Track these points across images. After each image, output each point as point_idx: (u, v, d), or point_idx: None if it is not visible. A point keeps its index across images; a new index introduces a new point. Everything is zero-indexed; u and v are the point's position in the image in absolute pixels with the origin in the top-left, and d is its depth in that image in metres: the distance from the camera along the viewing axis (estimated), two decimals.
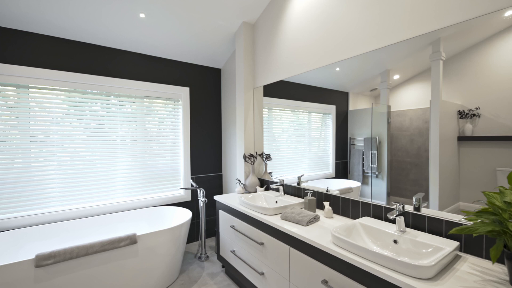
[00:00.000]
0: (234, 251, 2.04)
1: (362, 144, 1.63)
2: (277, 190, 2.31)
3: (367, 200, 1.57)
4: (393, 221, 1.41)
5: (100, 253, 1.75)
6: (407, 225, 1.35)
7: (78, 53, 2.35)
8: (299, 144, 2.12)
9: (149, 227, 2.61)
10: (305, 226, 1.51)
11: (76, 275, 1.69)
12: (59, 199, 2.28)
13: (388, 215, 1.24)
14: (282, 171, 2.27)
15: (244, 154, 2.50)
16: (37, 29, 2.13)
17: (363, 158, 1.62)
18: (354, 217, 1.63)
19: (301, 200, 1.94)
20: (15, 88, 2.12)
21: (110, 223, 2.43)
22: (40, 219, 2.17)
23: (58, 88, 2.27)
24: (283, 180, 2.15)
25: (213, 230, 3.21)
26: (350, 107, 1.71)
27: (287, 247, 1.50)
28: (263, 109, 2.48)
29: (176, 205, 2.90)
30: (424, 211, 1.30)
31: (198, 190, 2.69)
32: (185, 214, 2.49)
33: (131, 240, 1.85)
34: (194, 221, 3.04)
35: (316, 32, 1.88)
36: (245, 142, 2.52)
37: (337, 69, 1.76)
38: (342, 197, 1.70)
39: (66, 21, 2.10)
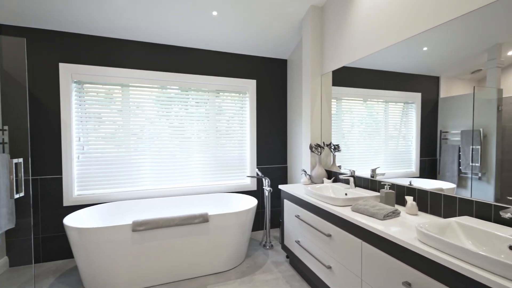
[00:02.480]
0: (299, 241, 1.99)
1: (458, 138, 1.33)
2: (346, 182, 2.13)
3: (467, 196, 1.27)
4: (508, 223, 1.09)
5: (179, 226, 1.98)
6: None
7: (163, 54, 2.70)
8: (372, 140, 1.89)
9: (218, 210, 2.81)
10: (382, 220, 1.33)
11: (161, 243, 1.95)
12: (150, 180, 2.71)
13: (501, 213, 0.97)
14: (353, 166, 2.08)
15: (310, 144, 2.41)
16: (134, 36, 2.54)
17: (459, 155, 1.32)
18: (448, 216, 1.35)
19: (376, 193, 1.73)
20: (120, 87, 2.60)
21: (186, 204, 2.74)
22: (136, 194, 2.62)
23: (149, 86, 2.67)
24: (354, 171, 1.97)
25: (277, 221, 3.22)
26: (442, 94, 1.42)
27: (359, 241, 1.35)
28: (332, 100, 2.32)
29: (242, 193, 3.03)
30: None
31: (263, 179, 2.74)
32: (251, 201, 2.58)
33: (204, 218, 2.02)
34: (259, 211, 3.12)
35: None
36: (312, 132, 2.42)
37: (424, 48, 1.49)
38: (431, 192, 1.44)
39: (155, 28, 2.44)
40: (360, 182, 1.98)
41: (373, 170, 1.88)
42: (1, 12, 2.09)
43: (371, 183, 1.88)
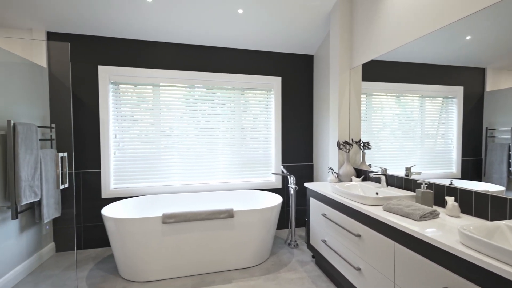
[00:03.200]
0: (325, 240, 1.93)
1: (508, 136, 1.19)
2: (377, 181, 2.02)
3: None
4: None
5: (205, 220, 2.03)
6: None
7: (190, 54, 2.79)
8: (406, 139, 1.77)
9: (243, 207, 2.83)
10: (418, 221, 1.24)
11: (188, 236, 2.02)
12: (179, 176, 2.82)
13: None
14: (384, 166, 1.97)
15: (338, 141, 2.33)
16: (164, 38, 2.66)
17: (509, 154, 1.18)
18: (495, 219, 1.21)
19: (411, 193, 1.62)
20: (151, 87, 2.74)
21: (212, 200, 2.80)
22: (166, 189, 2.74)
23: (178, 85, 2.78)
24: (386, 169, 1.86)
25: (302, 220, 3.17)
26: (488, 87, 1.28)
27: (392, 242, 1.28)
28: (361, 96, 2.21)
29: (267, 191, 3.02)
30: None
31: (288, 177, 2.71)
32: (276, 199, 2.56)
33: (229, 213, 2.05)
34: (284, 209, 3.09)
35: None
36: (339, 128, 2.34)
37: (468, 37, 1.35)
38: (476, 192, 1.30)
39: (183, 29, 2.52)
40: (393, 181, 1.86)
41: (408, 169, 1.76)
42: (49, 21, 2.31)
43: (405, 182, 1.76)
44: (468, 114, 1.38)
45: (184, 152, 2.83)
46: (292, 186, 2.63)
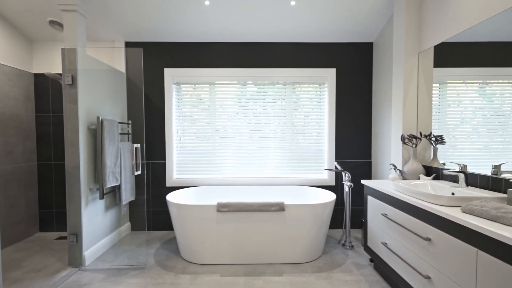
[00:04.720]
0: (386, 243, 1.75)
1: None
2: (454, 180, 1.74)
3: None
4: None
5: (257, 212, 2.07)
6: None
7: (243, 52, 2.88)
8: (493, 138, 1.48)
9: (294, 202, 2.78)
10: (510, 226, 1.01)
11: (240, 226, 2.09)
12: (232, 170, 2.96)
13: None
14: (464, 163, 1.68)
15: (402, 135, 2.08)
16: (219, 38, 2.81)
17: None
18: None
19: (500, 194, 1.34)
20: (208, 85, 2.93)
21: (264, 193, 2.84)
22: (221, 181, 2.91)
23: (232, 82, 2.90)
24: (465, 165, 1.58)
25: (357, 220, 2.95)
26: None
27: (473, 249, 1.07)
28: (433, 85, 1.93)
29: (320, 187, 2.91)
30: None
31: (343, 173, 2.55)
32: (329, 196, 2.45)
33: (280, 206, 2.04)
34: (338, 208, 2.93)
35: None
36: (404, 120, 2.09)
37: None
38: None
39: (237, 28, 2.62)
40: (475, 181, 1.57)
41: (496, 167, 1.46)
42: (126, 32, 2.69)
43: (492, 182, 1.46)
44: None
45: (237, 149, 2.94)
46: (347, 184, 2.47)
